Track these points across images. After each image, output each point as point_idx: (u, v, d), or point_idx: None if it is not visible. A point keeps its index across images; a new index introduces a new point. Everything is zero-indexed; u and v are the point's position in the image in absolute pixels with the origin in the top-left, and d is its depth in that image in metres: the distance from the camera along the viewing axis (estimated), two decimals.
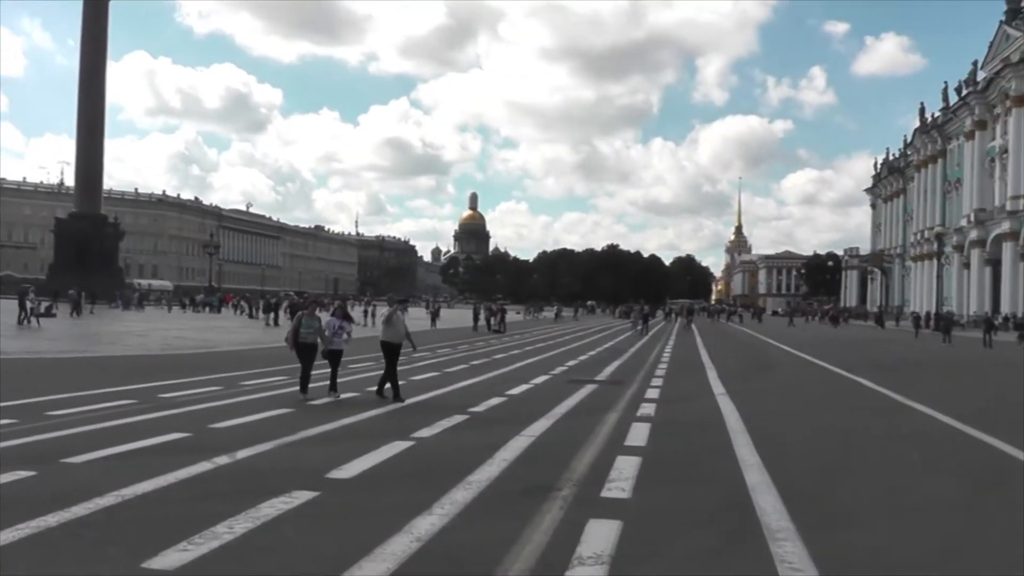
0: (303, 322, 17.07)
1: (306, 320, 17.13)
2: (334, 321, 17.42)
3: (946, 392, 22.20)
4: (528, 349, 36.17)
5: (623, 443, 12.10)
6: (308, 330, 17.00)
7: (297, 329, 16.97)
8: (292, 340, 16.92)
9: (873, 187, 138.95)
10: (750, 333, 65.10)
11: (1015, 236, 75.49)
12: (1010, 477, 10.76)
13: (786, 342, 49.15)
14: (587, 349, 37.41)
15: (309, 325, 17.07)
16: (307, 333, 16.97)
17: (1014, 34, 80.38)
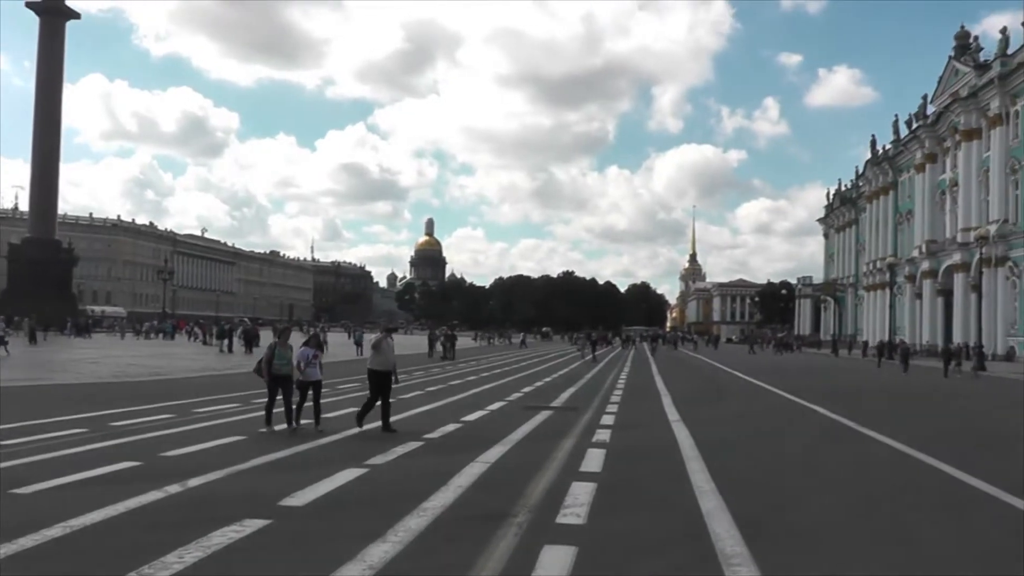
0: (276, 352, 16.15)
1: (279, 350, 16.21)
2: (307, 351, 16.38)
3: (902, 420, 22.33)
4: (484, 375, 36.13)
5: (578, 469, 12.09)
6: (282, 361, 16.15)
7: (271, 360, 16.05)
8: (265, 371, 16.07)
9: (826, 217, 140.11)
10: (705, 360, 65.41)
11: (966, 267, 76.47)
12: (963, 503, 10.84)
13: (740, 369, 49.42)
14: (543, 376, 37.44)
15: (282, 356, 16.21)
16: (281, 364, 16.11)
17: (963, 69, 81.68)
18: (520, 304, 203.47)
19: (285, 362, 16.15)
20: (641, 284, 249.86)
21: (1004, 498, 10.88)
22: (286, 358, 16.22)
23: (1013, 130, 71.71)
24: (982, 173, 76.22)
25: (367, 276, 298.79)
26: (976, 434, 19.75)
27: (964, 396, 32.16)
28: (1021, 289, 69.44)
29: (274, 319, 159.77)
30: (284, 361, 16.15)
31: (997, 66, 72.89)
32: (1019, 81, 70.11)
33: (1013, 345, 68.49)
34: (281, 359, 16.15)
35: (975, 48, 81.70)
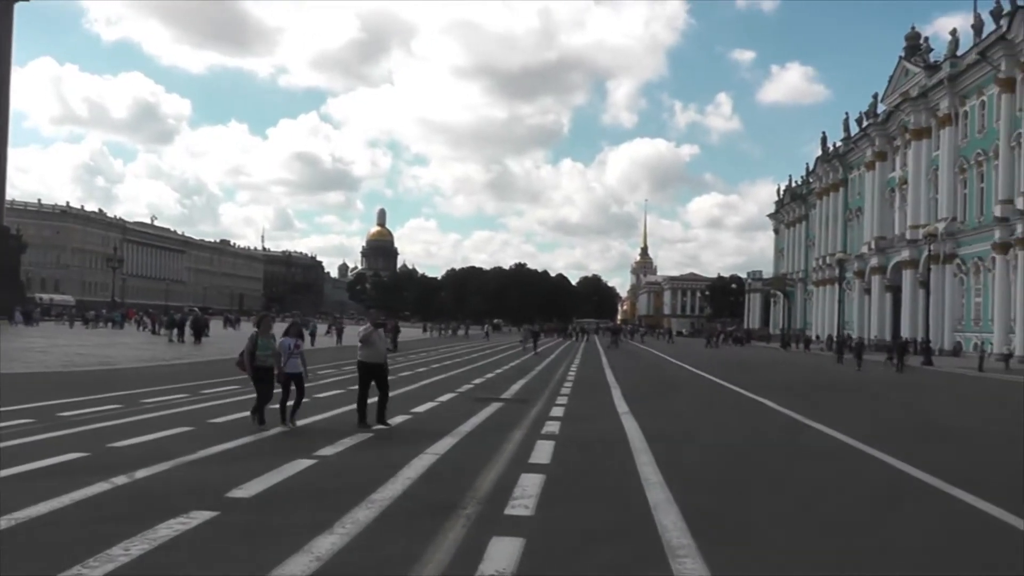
0: (259, 343, 15.29)
1: (262, 340, 15.34)
2: (288, 341, 15.57)
3: (850, 414, 22.55)
4: (434, 367, 36.13)
5: (527, 461, 12.13)
6: (264, 352, 15.29)
7: (252, 351, 15.25)
8: (248, 363, 15.29)
9: (776, 213, 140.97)
10: (655, 353, 65.71)
11: (915, 264, 77.44)
12: (906, 495, 11.00)
13: (690, 363, 49.68)
14: (493, 367, 37.48)
15: (265, 346, 15.33)
16: (264, 356, 15.28)
17: (913, 69, 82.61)
18: (472, 296, 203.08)
19: (269, 352, 15.35)
20: (593, 277, 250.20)
21: (948, 490, 11.03)
22: (270, 348, 15.40)
23: (962, 130, 72.70)
24: (931, 172, 77.20)
25: (318, 266, 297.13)
26: (922, 427, 20.00)
27: (913, 390, 32.54)
28: (968, 286, 70.42)
29: (224, 309, 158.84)
30: (267, 351, 15.36)
31: (947, 67, 73.85)
32: (968, 82, 71.12)
33: (960, 340, 69.46)
34: (264, 349, 15.35)
35: (925, 49, 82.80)
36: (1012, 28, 61.49)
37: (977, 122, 70.12)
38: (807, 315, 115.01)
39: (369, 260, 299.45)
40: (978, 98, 69.82)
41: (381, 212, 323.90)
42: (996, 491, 10.86)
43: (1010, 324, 61.45)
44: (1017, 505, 9.96)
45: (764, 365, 51.54)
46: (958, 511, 10.00)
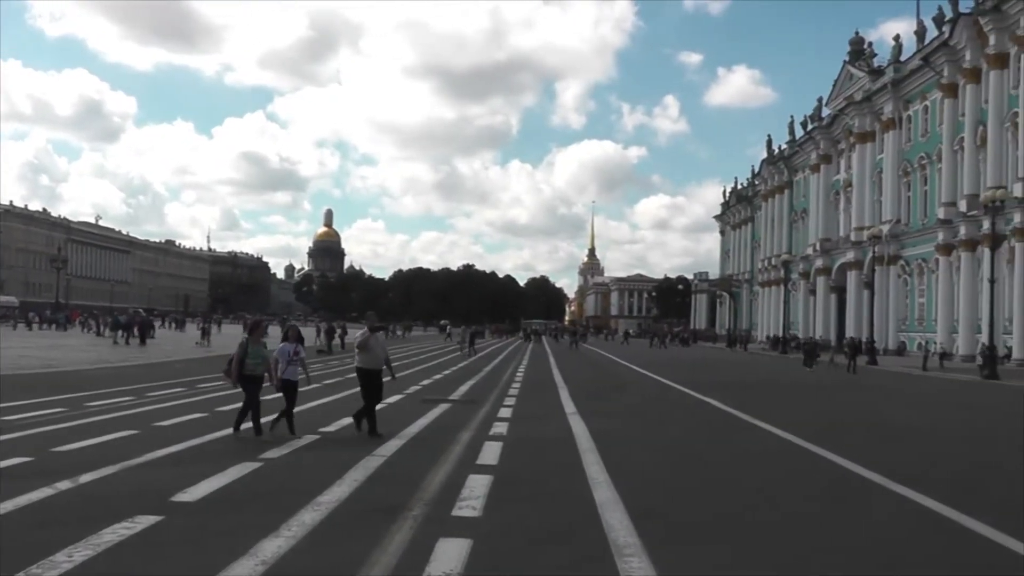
0: (249, 351, 14.22)
1: (253, 348, 14.31)
2: (287, 347, 14.59)
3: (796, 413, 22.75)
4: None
5: (475, 462, 12.15)
6: (255, 360, 14.23)
7: (242, 359, 14.13)
8: (235, 373, 14.19)
9: (722, 214, 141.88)
10: (603, 354, 65.92)
11: (859, 265, 78.28)
12: (853, 493, 11.14)
13: (638, 363, 49.89)
14: (442, 368, 37.44)
15: (256, 354, 14.30)
16: (254, 363, 14.21)
17: (857, 74, 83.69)
18: (420, 297, 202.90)
19: (259, 361, 14.32)
20: (540, 278, 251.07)
21: (894, 488, 11.20)
22: (260, 356, 14.38)
23: (906, 134, 73.77)
24: (875, 174, 78.31)
25: (265, 267, 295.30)
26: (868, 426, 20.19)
27: (861, 389, 32.85)
28: (912, 287, 71.51)
29: (169, 310, 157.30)
30: (258, 360, 14.31)
31: (891, 72, 74.94)
32: (912, 87, 72.27)
33: (904, 340, 70.44)
34: (255, 357, 14.27)
35: (869, 54, 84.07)
36: (954, 34, 62.45)
37: (920, 126, 71.17)
38: (753, 316, 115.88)
39: (316, 261, 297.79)
40: (921, 103, 70.91)
41: (328, 212, 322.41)
42: (940, 488, 11.04)
43: (953, 324, 62.32)
44: (959, 501, 10.13)
45: (710, 365, 51.81)
46: (903, 508, 10.14)
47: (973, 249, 59.71)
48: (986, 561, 7.98)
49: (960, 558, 8.08)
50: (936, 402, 29.09)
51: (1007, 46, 57.08)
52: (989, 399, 30.24)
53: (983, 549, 8.30)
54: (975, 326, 57.31)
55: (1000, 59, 57.60)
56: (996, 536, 8.63)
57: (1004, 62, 57.48)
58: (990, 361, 40.62)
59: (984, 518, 9.30)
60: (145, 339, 52.12)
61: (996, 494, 11.41)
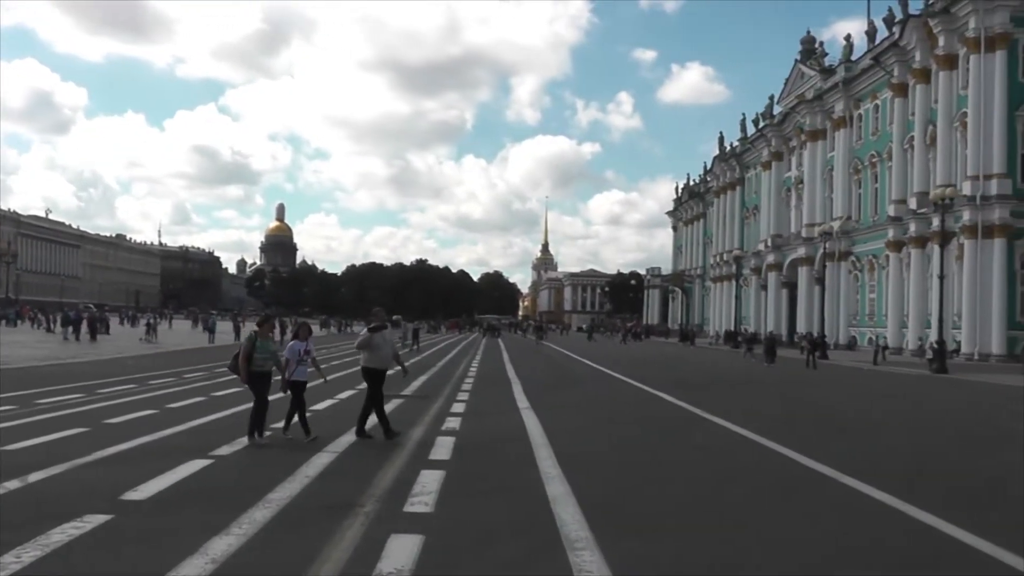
0: (257, 345, 13.62)
1: (261, 343, 13.71)
2: (297, 345, 14.04)
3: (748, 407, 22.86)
4: (334, 363, 35.85)
5: (427, 457, 12.15)
6: (264, 355, 13.62)
7: (250, 354, 13.50)
8: (243, 369, 13.50)
9: (675, 210, 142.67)
10: (557, 349, 66.01)
11: (810, 261, 79.26)
12: (803, 486, 11.27)
13: (591, 358, 49.97)
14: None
15: (265, 349, 13.70)
16: (263, 359, 13.60)
17: (809, 73, 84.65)
18: (373, 292, 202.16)
19: (267, 356, 13.71)
20: (494, 273, 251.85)
21: (844, 480, 11.33)
22: (269, 351, 13.77)
23: (856, 132, 74.75)
24: (826, 172, 79.17)
25: (216, 262, 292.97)
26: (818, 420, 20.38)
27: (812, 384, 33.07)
28: (863, 282, 72.42)
29: (120, 305, 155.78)
30: (266, 355, 13.69)
31: (842, 71, 75.93)
32: (863, 86, 73.26)
33: (854, 335, 71.19)
34: (263, 353, 13.64)
35: (820, 53, 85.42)
36: (904, 35, 63.29)
37: (871, 125, 72.06)
38: (705, 311, 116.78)
39: (268, 256, 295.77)
40: (872, 102, 71.78)
41: (280, 207, 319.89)
42: (889, 480, 11.21)
43: (903, 319, 63.12)
44: (908, 492, 10.30)
45: (664, 361, 51.99)
46: (852, 500, 10.26)
47: (923, 246, 60.51)
48: (932, 550, 8.11)
49: (907, 548, 8.21)
50: (887, 396, 29.34)
51: (956, 48, 57.88)
52: (939, 393, 30.71)
53: (930, 539, 8.43)
54: (924, 321, 58.27)
55: (949, 60, 58.40)
56: (942, 526, 8.78)
57: (953, 63, 58.29)
58: (939, 356, 41.27)
59: (932, 509, 9.45)
60: (96, 335, 51.62)
61: (944, 485, 11.62)
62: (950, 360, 44.97)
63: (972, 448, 16.18)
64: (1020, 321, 54.50)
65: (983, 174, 54.41)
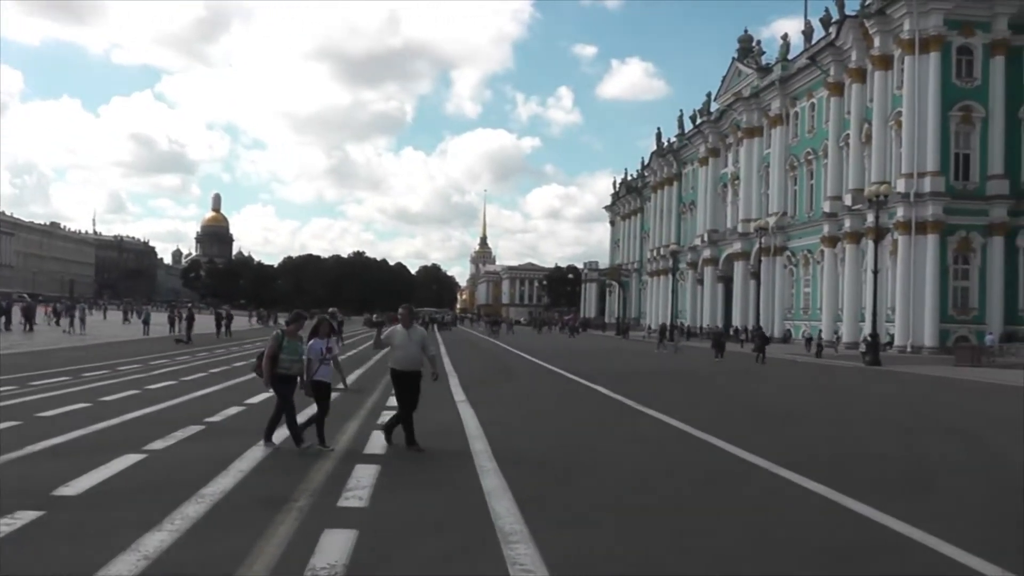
0: (284, 345, 12.41)
1: (289, 343, 12.48)
2: (318, 343, 12.64)
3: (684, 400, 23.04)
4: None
5: (362, 451, 12.18)
6: (292, 356, 12.39)
7: (275, 355, 12.34)
8: (268, 371, 12.34)
9: (612, 205, 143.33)
10: (495, 343, 66.04)
11: (745, 256, 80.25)
12: (735, 476, 11.46)
13: (529, 351, 50.05)
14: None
15: (292, 350, 12.45)
16: (290, 361, 12.39)
17: (745, 71, 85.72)
18: (310, 284, 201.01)
19: (296, 358, 12.44)
20: (432, 266, 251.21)
21: (776, 471, 11.58)
22: (297, 353, 12.48)
23: (793, 129, 75.83)
24: (763, 168, 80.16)
25: (151, 252, 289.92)
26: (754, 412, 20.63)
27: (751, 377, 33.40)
28: (798, 277, 73.45)
29: (54, 295, 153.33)
30: (295, 356, 12.44)
31: (778, 70, 77.12)
32: (799, 85, 74.30)
33: (789, 328, 72.07)
34: (291, 354, 12.43)
35: (757, 52, 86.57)
36: (840, 35, 64.25)
37: (807, 123, 73.07)
38: (642, 304, 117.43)
39: (204, 246, 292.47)
40: (808, 100, 72.77)
41: (216, 197, 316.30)
42: (820, 469, 11.51)
43: (838, 313, 64.06)
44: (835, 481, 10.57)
45: (601, 354, 52.23)
46: (783, 490, 10.51)
47: (857, 241, 61.53)
48: (859, 535, 8.34)
49: (835, 533, 8.41)
50: (822, 387, 29.88)
51: (891, 48, 58.84)
52: (872, 385, 31.29)
53: (857, 525, 8.66)
54: (859, 315, 59.48)
55: (884, 60, 59.37)
56: (871, 513, 9.06)
57: (888, 63, 59.27)
58: (873, 348, 42.08)
59: (861, 496, 9.70)
60: (31, 325, 51.05)
61: (874, 474, 11.93)
62: (884, 353, 45.77)
63: (902, 437, 16.47)
64: (952, 314, 55.67)
65: (917, 172, 55.36)
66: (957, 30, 55.84)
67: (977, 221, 55.77)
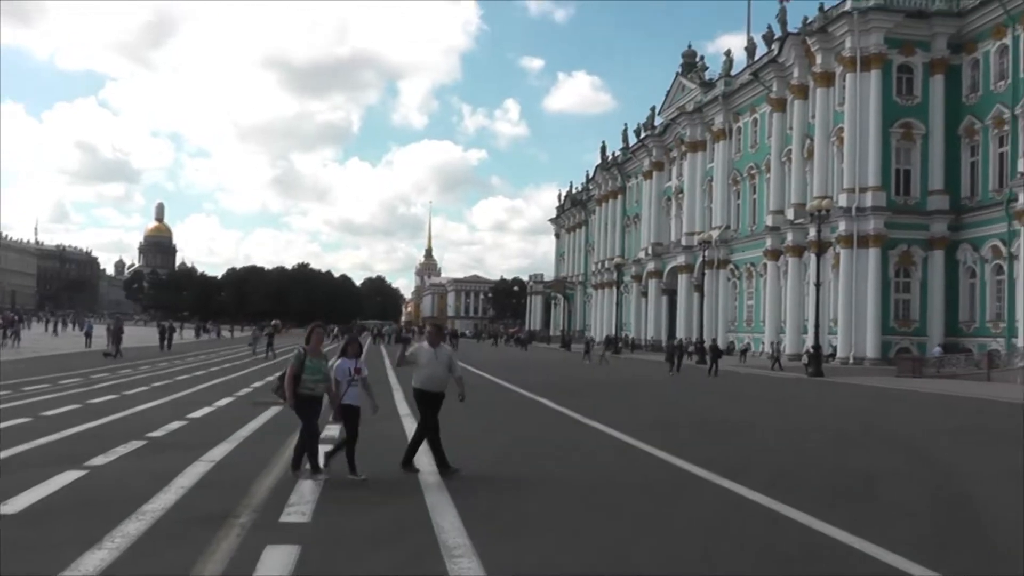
0: (307, 364, 11.44)
1: (311, 361, 11.51)
2: (346, 363, 11.68)
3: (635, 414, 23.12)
4: (213, 370, 35.46)
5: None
6: (315, 376, 11.45)
7: (298, 374, 11.40)
8: (290, 391, 11.41)
9: (557, 217, 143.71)
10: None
11: (689, 269, 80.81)
12: (677, 486, 11.58)
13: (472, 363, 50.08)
14: (275, 370, 36.86)
15: (315, 369, 11.49)
16: (313, 381, 11.44)
17: (689, 85, 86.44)
18: (253, 296, 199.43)
19: (320, 377, 11.48)
20: (377, 278, 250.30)
21: (717, 481, 11.75)
22: (320, 371, 11.53)
23: (735, 144, 76.52)
24: (706, 182, 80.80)
25: (94, 262, 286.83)
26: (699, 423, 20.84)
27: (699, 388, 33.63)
28: (741, 290, 74.09)
29: None
30: (318, 376, 11.48)
31: (721, 85, 77.72)
32: (741, 100, 75.10)
33: (733, 340, 72.60)
34: (314, 373, 11.46)
35: (701, 67, 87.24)
36: (783, 52, 64.97)
37: (750, 138, 73.81)
38: (587, 317, 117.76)
39: (147, 257, 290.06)
40: (751, 115, 73.54)
41: (160, 206, 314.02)
42: (761, 479, 11.77)
43: (780, 325, 64.57)
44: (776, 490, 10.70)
45: (547, 366, 52.37)
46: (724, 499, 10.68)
47: (800, 255, 62.15)
48: (800, 543, 8.54)
49: (776, 541, 8.59)
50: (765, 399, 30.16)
51: (833, 66, 59.52)
52: (814, 395, 31.90)
53: (799, 533, 8.84)
54: (802, 327, 60.11)
55: (826, 77, 60.06)
56: (811, 522, 9.26)
57: (830, 80, 59.95)
58: (815, 360, 42.81)
59: (802, 506, 9.92)
60: None
61: (813, 483, 12.18)
62: (827, 364, 46.36)
63: (844, 447, 16.72)
64: (894, 326, 56.27)
65: (859, 187, 55.96)
66: (897, 49, 56.58)
67: (918, 235, 56.46)
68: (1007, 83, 52.13)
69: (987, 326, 53.12)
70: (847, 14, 56.63)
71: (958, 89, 56.36)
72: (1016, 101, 50.74)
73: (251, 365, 39.88)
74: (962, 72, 56.33)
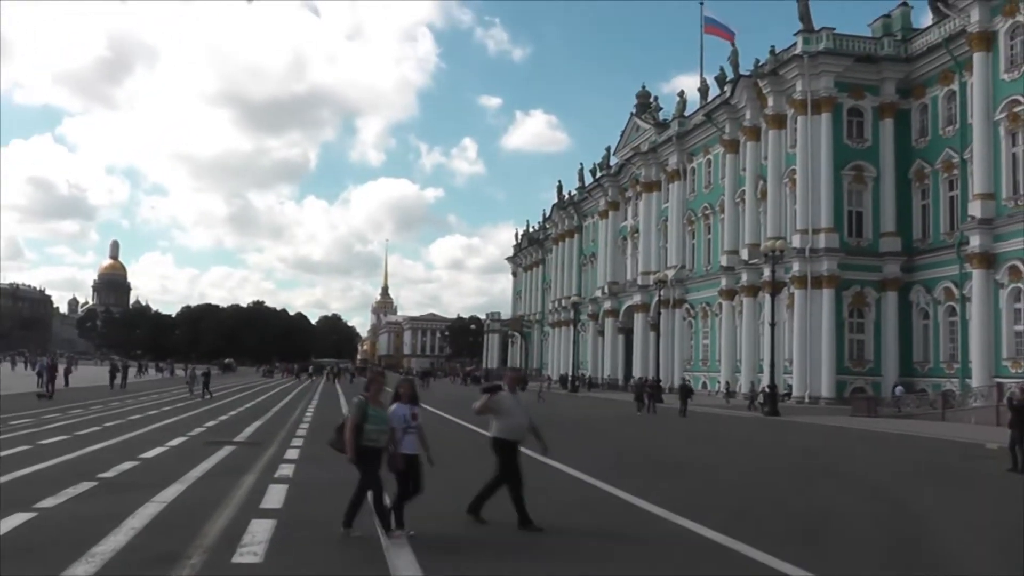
0: (369, 414, 10.37)
1: (373, 411, 10.42)
2: (401, 409, 10.59)
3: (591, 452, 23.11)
4: (166, 409, 35.15)
5: (259, 506, 12.03)
6: (378, 426, 10.34)
7: (360, 425, 10.30)
8: (351, 444, 10.28)
9: (515, 256, 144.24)
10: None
11: (645, 308, 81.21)
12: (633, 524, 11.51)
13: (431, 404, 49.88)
14: (228, 409, 36.70)
15: (379, 418, 10.39)
16: (377, 432, 10.33)
17: (644, 126, 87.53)
18: (207, 334, 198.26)
19: (383, 427, 10.37)
20: (332, 316, 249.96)
21: (675, 519, 11.83)
22: (384, 422, 10.40)
23: (690, 184, 77.33)
24: (661, 222, 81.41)
25: (47, 301, 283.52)
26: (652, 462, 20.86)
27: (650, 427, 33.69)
28: (697, 329, 74.55)
29: None
30: (381, 426, 10.36)
31: (675, 126, 78.60)
32: (695, 141, 75.94)
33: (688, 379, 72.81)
34: (378, 423, 10.37)
35: (655, 107, 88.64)
36: (735, 94, 65.89)
37: (704, 178, 74.63)
38: (543, 355, 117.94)
39: (101, 295, 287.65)
40: (704, 156, 74.38)
41: (114, 244, 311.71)
42: (718, 518, 11.77)
43: (736, 364, 65.00)
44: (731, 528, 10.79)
45: None
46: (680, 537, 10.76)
47: (754, 294, 62.66)
48: None
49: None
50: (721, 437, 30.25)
51: (784, 108, 60.33)
52: (770, 434, 32.05)
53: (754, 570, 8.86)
54: (757, 366, 60.49)
55: (778, 120, 60.81)
56: (765, 559, 9.34)
57: (782, 123, 60.72)
58: (771, 399, 43.10)
59: (756, 543, 9.98)
60: None
61: (769, 521, 12.29)
62: (782, 403, 46.64)
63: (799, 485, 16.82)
64: (848, 366, 56.70)
65: (812, 228, 56.54)
66: (848, 92, 57.36)
67: (871, 276, 57.08)
68: (955, 128, 52.88)
69: (941, 366, 53.64)
70: (797, 57, 57.60)
71: (908, 133, 57.21)
72: (964, 146, 51.43)
73: (202, 405, 39.48)
74: (911, 116, 57.25)
